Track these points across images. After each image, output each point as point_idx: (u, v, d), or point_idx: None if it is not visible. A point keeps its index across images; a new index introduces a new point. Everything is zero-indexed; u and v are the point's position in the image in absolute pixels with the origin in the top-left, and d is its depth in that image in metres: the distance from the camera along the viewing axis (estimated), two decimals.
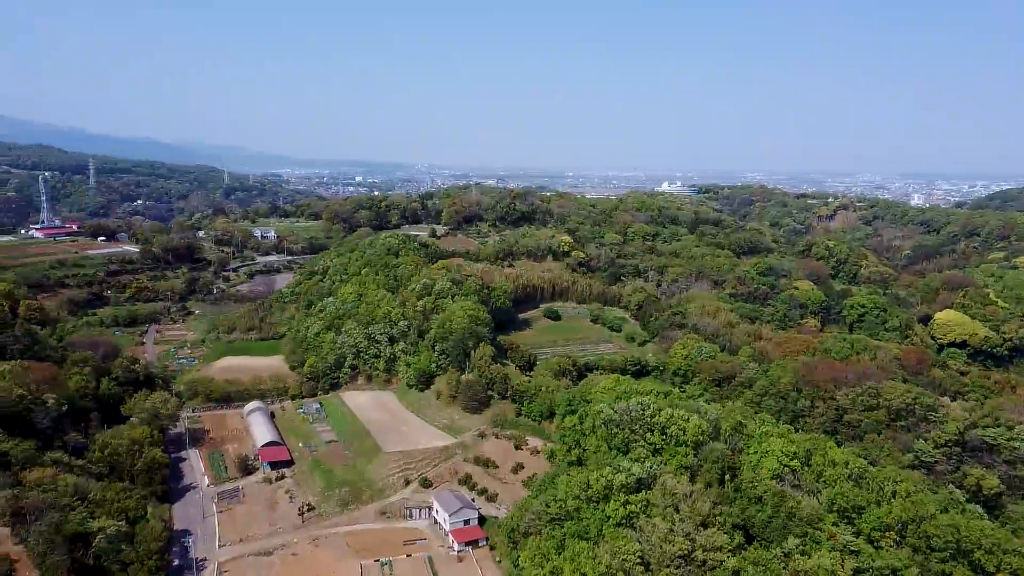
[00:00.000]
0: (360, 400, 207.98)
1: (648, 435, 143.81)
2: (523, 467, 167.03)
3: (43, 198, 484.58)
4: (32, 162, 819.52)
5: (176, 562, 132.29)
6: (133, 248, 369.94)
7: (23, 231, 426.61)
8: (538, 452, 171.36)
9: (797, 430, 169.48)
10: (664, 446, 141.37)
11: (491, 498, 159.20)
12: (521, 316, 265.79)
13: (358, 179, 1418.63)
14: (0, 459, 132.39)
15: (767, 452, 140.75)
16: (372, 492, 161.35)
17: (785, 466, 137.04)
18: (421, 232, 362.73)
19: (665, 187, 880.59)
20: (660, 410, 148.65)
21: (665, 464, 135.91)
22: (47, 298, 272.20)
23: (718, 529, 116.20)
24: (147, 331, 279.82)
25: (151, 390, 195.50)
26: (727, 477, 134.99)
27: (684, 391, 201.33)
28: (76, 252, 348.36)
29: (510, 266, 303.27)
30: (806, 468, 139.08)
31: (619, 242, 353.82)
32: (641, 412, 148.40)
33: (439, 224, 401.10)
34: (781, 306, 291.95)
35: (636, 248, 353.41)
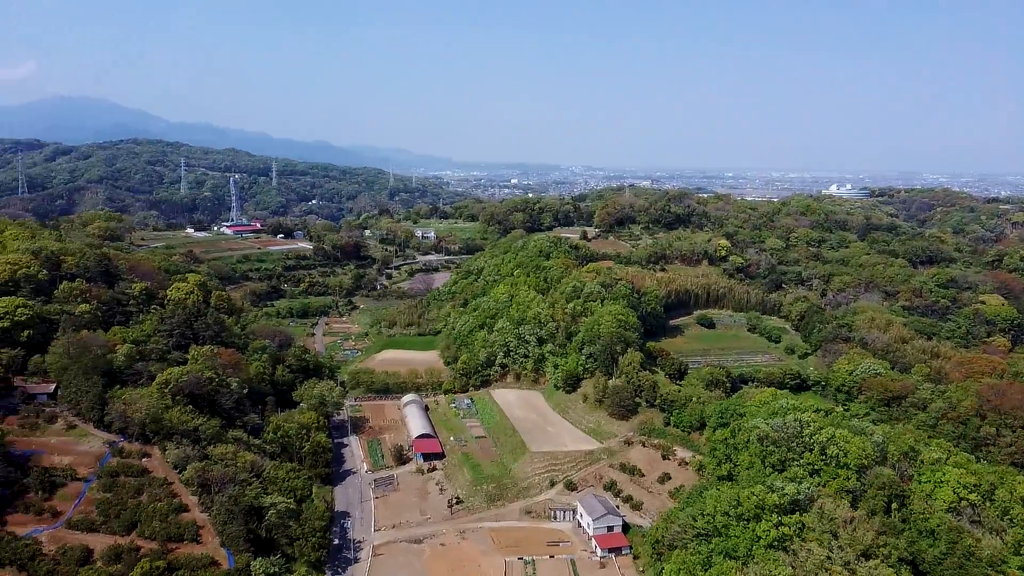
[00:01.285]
0: (509, 398, 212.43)
1: (806, 454, 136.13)
2: (670, 477, 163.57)
3: (233, 198, 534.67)
4: (225, 165, 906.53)
5: (336, 541, 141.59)
6: (307, 245, 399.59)
7: (216, 228, 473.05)
8: (686, 463, 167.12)
9: (979, 460, 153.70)
10: (823, 467, 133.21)
11: (636, 506, 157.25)
12: (672, 322, 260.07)
13: (513, 181, 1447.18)
14: (192, 434, 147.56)
15: (942, 482, 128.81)
16: (517, 490, 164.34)
17: (963, 499, 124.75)
18: (573, 234, 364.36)
19: (833, 190, 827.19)
20: (820, 428, 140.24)
21: (823, 486, 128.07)
22: (233, 289, 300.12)
23: (882, 561, 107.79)
24: (317, 323, 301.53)
25: (319, 378, 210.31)
26: (894, 506, 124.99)
27: (848, 409, 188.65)
28: (259, 248, 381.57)
29: (662, 270, 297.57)
30: (988, 503, 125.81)
31: (781, 248, 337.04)
32: (799, 429, 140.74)
33: (590, 226, 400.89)
34: (964, 322, 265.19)
35: (799, 255, 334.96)
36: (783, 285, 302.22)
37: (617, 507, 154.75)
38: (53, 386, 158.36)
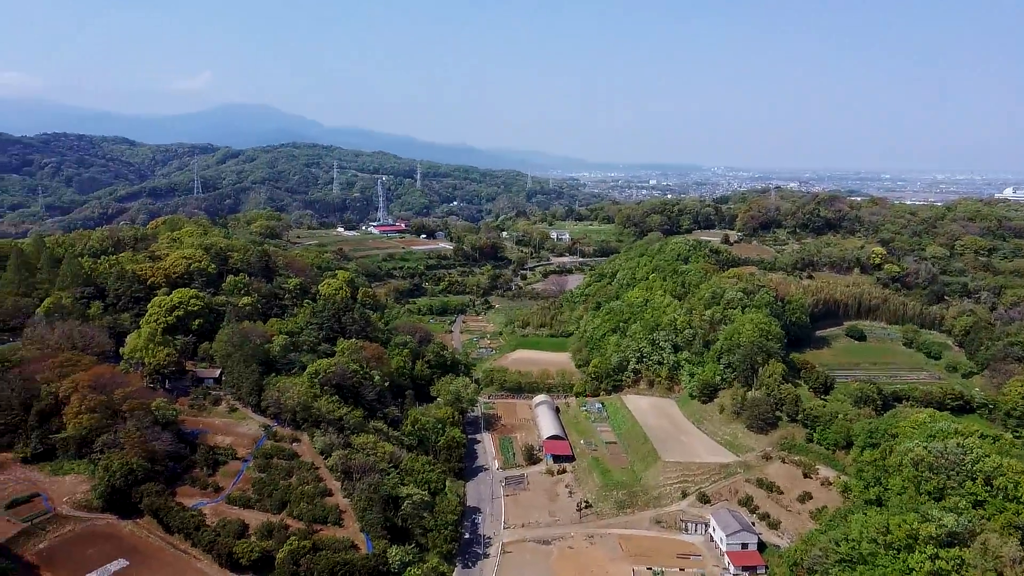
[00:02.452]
0: (641, 404, 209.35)
1: (968, 483, 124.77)
2: (811, 497, 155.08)
3: (380, 199, 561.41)
4: (373, 167, 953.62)
5: (467, 535, 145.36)
6: (448, 245, 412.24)
7: (364, 227, 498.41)
8: (829, 484, 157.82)
9: None
10: (988, 499, 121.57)
11: (773, 525, 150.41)
12: (818, 333, 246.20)
13: (651, 182, 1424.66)
14: (337, 423, 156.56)
15: None
16: (647, 499, 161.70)
17: None
18: (713, 238, 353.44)
19: (1008, 193, 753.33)
20: (986, 456, 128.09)
21: (988, 520, 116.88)
22: (378, 286, 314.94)
23: None
24: (455, 321, 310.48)
25: (455, 375, 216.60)
26: None
27: (1019, 437, 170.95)
28: (403, 248, 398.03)
29: (809, 277, 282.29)
30: None
31: (944, 256, 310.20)
32: (961, 456, 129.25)
33: (732, 230, 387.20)
34: None
35: (966, 264, 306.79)
36: (945, 297, 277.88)
37: (752, 524, 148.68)
38: (218, 371, 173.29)
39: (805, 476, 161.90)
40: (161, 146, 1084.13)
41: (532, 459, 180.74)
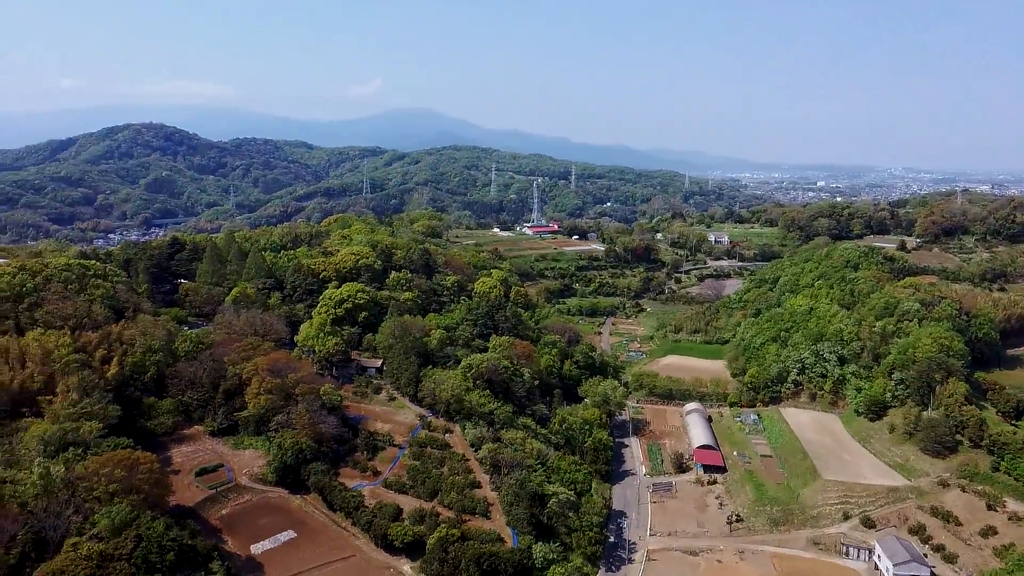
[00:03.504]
0: (800, 419, 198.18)
1: None
2: (995, 532, 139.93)
3: (535, 200, 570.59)
4: (529, 169, 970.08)
5: (611, 539, 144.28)
6: (599, 247, 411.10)
7: (518, 228, 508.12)
8: (1019, 519, 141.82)
9: None
10: None
11: (948, 558, 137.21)
12: (1010, 352, 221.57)
13: (819, 184, 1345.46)
14: (487, 417, 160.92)
15: None
16: (804, 518, 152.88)
17: None
18: (888, 244, 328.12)
19: None
20: None
21: None
22: (530, 286, 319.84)
23: None
24: (604, 323, 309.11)
25: (603, 377, 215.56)
26: None
27: None
28: (555, 248, 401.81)
29: (1001, 290, 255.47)
30: None
31: None
32: None
33: (910, 236, 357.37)
34: None
35: None
36: None
37: (924, 555, 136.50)
38: (380, 362, 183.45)
39: (989, 508, 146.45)
40: (335, 149, 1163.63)
41: (681, 467, 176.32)
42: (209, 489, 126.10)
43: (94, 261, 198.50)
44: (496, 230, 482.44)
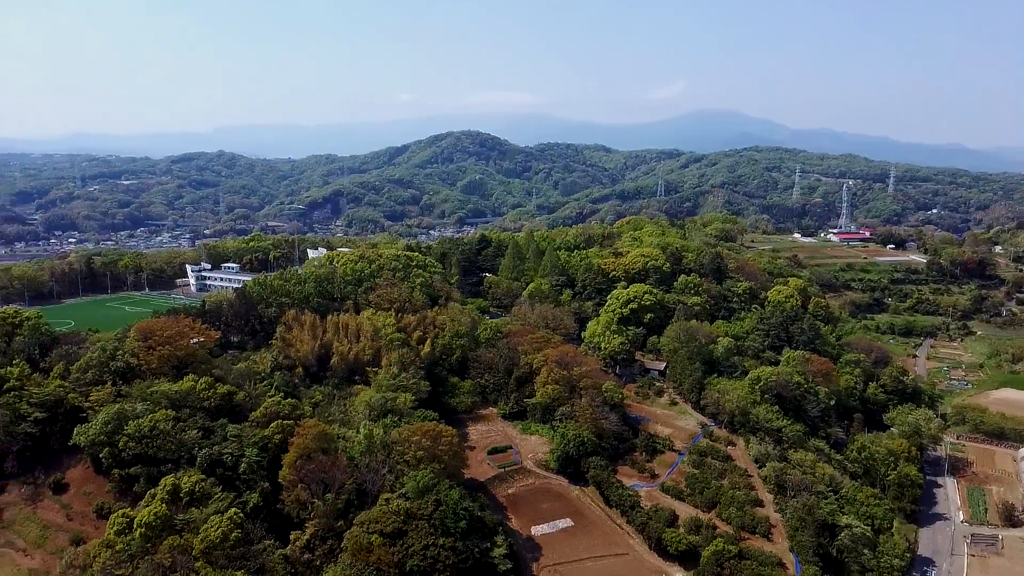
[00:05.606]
0: None
1: None
2: None
3: (844, 205, 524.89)
4: (839, 171, 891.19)
5: None
6: (919, 258, 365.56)
7: (822, 234, 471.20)
8: None
9: None
10: None
11: None
12: None
13: None
14: (774, 434, 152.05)
15: None
16: None
17: None
18: None
19: None
20: None
21: None
22: (832, 297, 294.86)
23: None
24: (921, 344, 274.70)
25: (915, 405, 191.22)
26: None
27: None
28: (864, 258, 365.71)
29: None
30: None
31: None
32: None
33: None
34: None
35: None
36: None
37: None
38: (663, 364, 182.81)
39: None
40: (632, 152, 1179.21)
41: (1011, 520, 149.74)
42: (498, 468, 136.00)
43: (417, 253, 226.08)
44: (796, 235, 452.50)
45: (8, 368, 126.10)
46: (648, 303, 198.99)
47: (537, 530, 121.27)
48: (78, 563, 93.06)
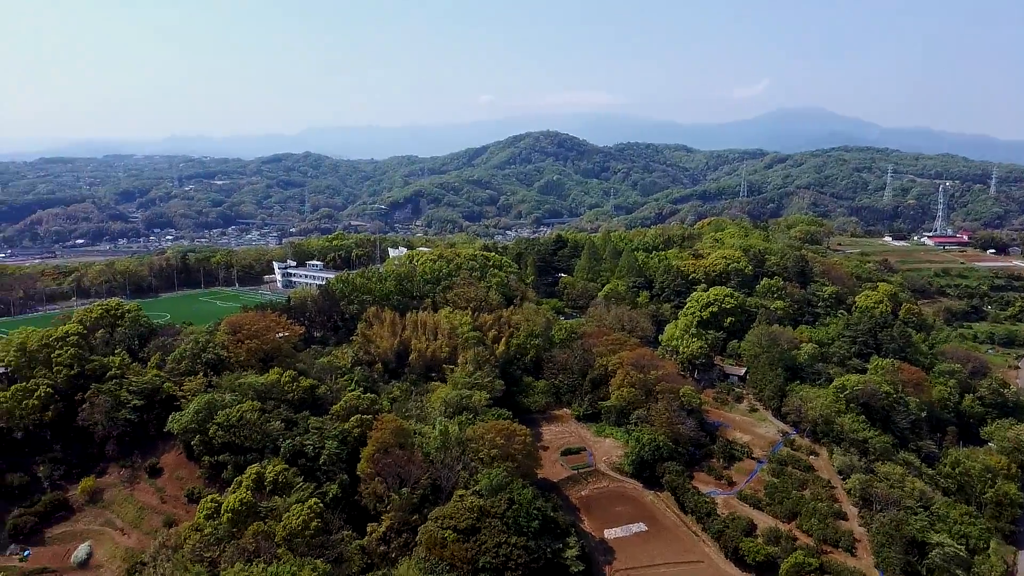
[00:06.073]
0: None
1: None
2: None
3: (940, 207, 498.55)
4: (935, 171, 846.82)
5: None
6: (1023, 263, 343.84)
7: (915, 238, 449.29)
8: None
9: None
10: None
11: None
12: None
13: None
14: (860, 445, 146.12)
15: None
16: None
17: None
18: None
19: None
20: None
21: None
22: (925, 304, 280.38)
23: None
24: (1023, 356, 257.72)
25: (1017, 420, 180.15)
26: None
27: None
28: (962, 263, 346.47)
29: None
30: None
31: None
32: None
33: None
34: None
35: None
36: None
37: None
38: (743, 370, 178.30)
39: None
40: (714, 152, 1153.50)
41: None
42: (572, 469, 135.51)
43: (493, 253, 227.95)
44: (887, 239, 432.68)
45: (111, 357, 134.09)
46: (729, 306, 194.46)
47: (610, 533, 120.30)
48: (170, 544, 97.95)
